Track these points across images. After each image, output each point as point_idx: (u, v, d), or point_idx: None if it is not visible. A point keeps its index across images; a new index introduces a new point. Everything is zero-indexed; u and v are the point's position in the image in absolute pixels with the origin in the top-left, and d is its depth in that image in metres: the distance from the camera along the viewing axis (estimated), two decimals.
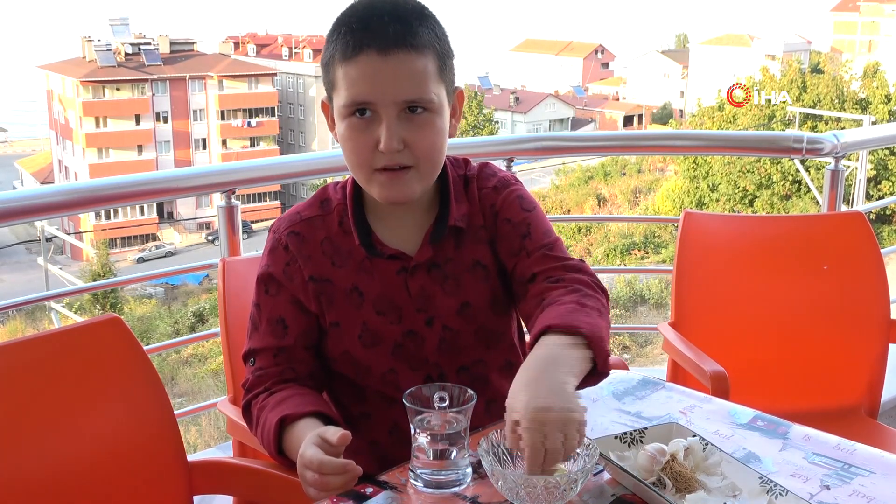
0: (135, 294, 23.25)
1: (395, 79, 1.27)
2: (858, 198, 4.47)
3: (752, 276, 2.19)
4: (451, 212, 1.38)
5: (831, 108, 22.28)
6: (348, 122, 1.30)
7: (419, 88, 1.28)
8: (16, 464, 1.37)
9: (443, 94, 1.32)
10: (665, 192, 25.54)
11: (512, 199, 1.42)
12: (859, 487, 1.14)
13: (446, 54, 1.32)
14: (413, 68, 1.27)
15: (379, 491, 1.14)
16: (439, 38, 1.31)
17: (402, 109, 1.28)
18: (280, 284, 1.38)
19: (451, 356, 1.38)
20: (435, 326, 1.37)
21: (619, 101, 48.68)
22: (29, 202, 2.25)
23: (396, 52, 1.26)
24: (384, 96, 1.27)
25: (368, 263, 1.37)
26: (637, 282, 18.62)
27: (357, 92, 1.28)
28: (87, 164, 36.25)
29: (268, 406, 1.34)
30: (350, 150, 1.32)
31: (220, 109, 38.91)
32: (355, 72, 1.27)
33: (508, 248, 1.40)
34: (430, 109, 1.30)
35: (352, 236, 1.38)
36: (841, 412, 2.06)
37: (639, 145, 5.55)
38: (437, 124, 1.31)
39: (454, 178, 1.42)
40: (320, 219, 1.40)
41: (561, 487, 1.05)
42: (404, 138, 1.28)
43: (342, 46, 1.28)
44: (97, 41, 38.50)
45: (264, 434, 1.33)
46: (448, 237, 1.38)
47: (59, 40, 62.53)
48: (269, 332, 1.38)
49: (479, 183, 1.43)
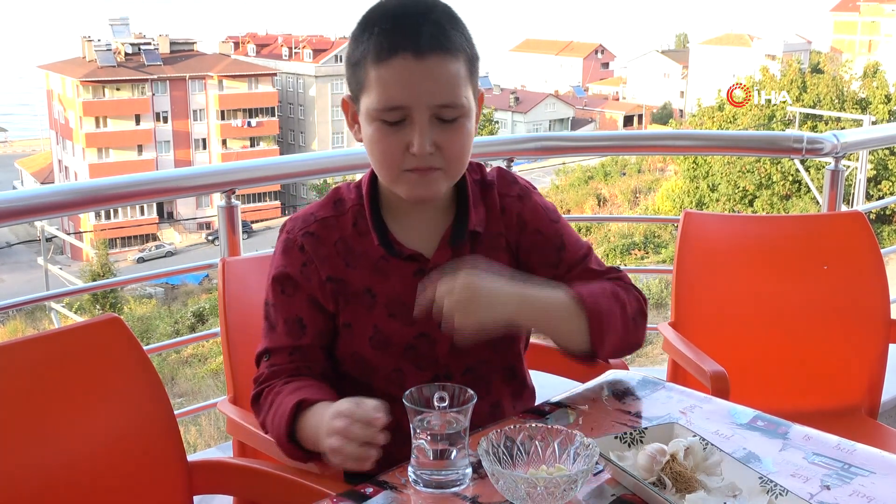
0: (135, 294, 23.25)
1: (430, 82, 1.26)
2: (858, 198, 4.48)
3: (752, 276, 2.19)
4: (471, 216, 1.39)
5: (831, 108, 22.28)
6: (378, 125, 1.29)
7: (452, 92, 1.27)
8: (16, 464, 1.37)
9: (472, 97, 1.32)
10: (665, 192, 25.55)
11: (538, 209, 1.44)
12: (859, 487, 1.14)
13: (474, 57, 1.32)
14: (447, 72, 1.27)
15: (379, 491, 1.14)
16: (468, 40, 1.31)
17: (435, 113, 1.27)
18: (297, 284, 1.37)
19: (459, 358, 1.38)
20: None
21: (619, 101, 48.69)
22: (29, 202, 2.25)
23: (432, 56, 1.25)
24: (418, 100, 1.26)
25: (384, 264, 1.36)
26: (637, 282, 18.57)
27: (391, 95, 1.26)
28: (87, 164, 36.25)
29: (284, 392, 1.33)
30: (379, 153, 1.31)
31: (220, 109, 38.91)
32: (389, 75, 1.26)
33: (543, 260, 1.42)
34: (461, 113, 1.29)
35: (366, 237, 1.37)
36: (841, 412, 2.06)
37: (639, 145, 5.56)
38: (468, 127, 1.31)
39: (471, 181, 1.41)
40: (334, 219, 1.39)
41: (561, 487, 1.05)
42: (436, 141, 1.28)
43: (375, 48, 1.26)
44: (97, 41, 38.50)
45: (276, 417, 1.31)
46: (465, 241, 1.39)
47: (59, 40, 62.55)
48: (286, 332, 1.38)
49: (500, 189, 1.43)
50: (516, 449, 1.15)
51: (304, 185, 35.29)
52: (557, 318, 1.33)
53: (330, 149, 39.19)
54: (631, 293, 1.41)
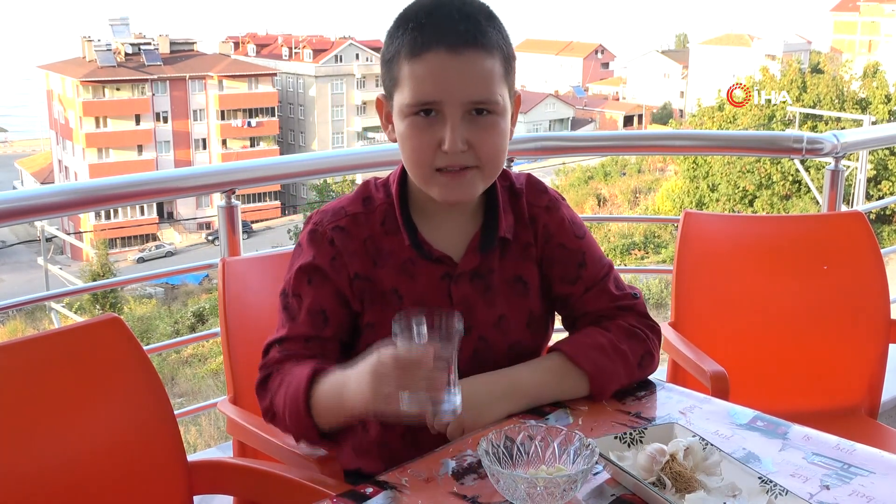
0: (135, 294, 23.24)
1: (464, 78, 1.24)
2: (858, 198, 4.48)
3: (752, 276, 2.19)
4: (501, 222, 1.38)
5: (831, 108, 22.27)
6: (411, 121, 1.27)
7: (487, 89, 1.26)
8: (16, 464, 1.37)
9: (506, 96, 1.30)
10: (665, 192, 25.54)
11: (564, 223, 1.43)
12: (859, 487, 1.14)
13: (511, 56, 1.31)
14: (482, 68, 1.25)
15: (379, 491, 1.14)
16: (504, 39, 1.29)
17: (468, 110, 1.26)
18: (325, 276, 1.34)
19: (481, 368, 1.36)
20: (472, 336, 1.35)
21: (619, 101, 48.68)
22: (29, 202, 2.25)
23: (466, 52, 1.23)
24: (451, 96, 1.24)
25: (411, 266, 1.35)
26: (637, 282, 18.62)
27: (424, 90, 1.25)
28: (87, 164, 36.25)
29: (296, 369, 1.30)
30: (411, 149, 1.29)
31: (220, 109, 38.90)
32: (422, 69, 1.24)
33: (562, 274, 1.42)
34: (494, 111, 1.27)
35: (394, 236, 1.35)
36: (841, 412, 2.06)
37: (639, 145, 5.55)
38: (501, 126, 1.29)
39: (501, 187, 1.40)
40: (364, 216, 1.37)
41: (561, 487, 1.05)
42: (468, 139, 1.26)
43: (409, 42, 1.25)
44: (97, 41, 38.50)
45: (290, 390, 1.27)
46: (495, 247, 1.38)
47: (59, 40, 62.56)
48: (308, 322, 1.34)
49: (529, 198, 1.42)
50: (516, 449, 1.15)
51: (304, 185, 35.24)
52: (554, 390, 1.35)
53: (330, 149, 39.18)
54: (636, 336, 1.40)
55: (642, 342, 1.40)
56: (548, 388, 1.35)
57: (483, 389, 1.31)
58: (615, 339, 1.38)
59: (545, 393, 1.34)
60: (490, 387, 1.32)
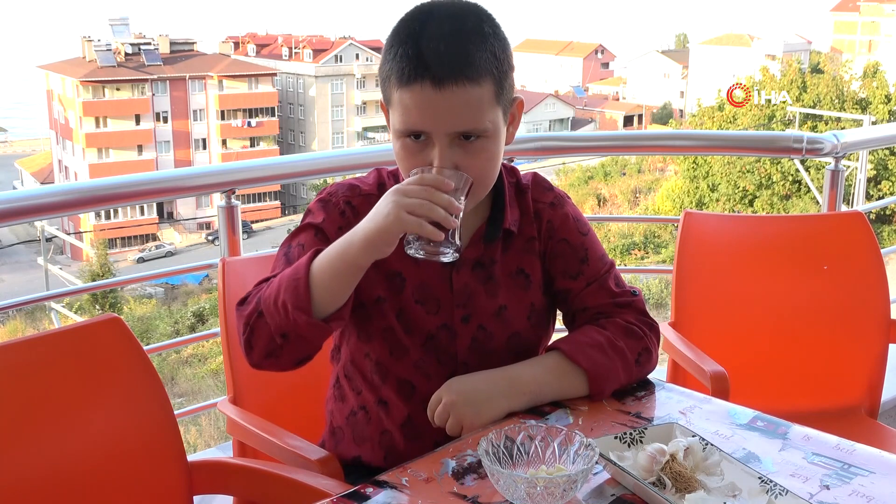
0: (135, 294, 23.24)
1: (449, 111, 1.25)
2: (858, 198, 4.47)
3: (752, 276, 2.19)
4: (506, 215, 1.40)
5: (831, 108, 22.27)
6: (403, 143, 1.31)
7: (473, 120, 1.27)
8: (16, 463, 1.37)
9: (499, 117, 1.31)
10: (665, 192, 25.54)
11: (568, 219, 1.46)
12: (859, 487, 1.14)
13: (504, 75, 1.30)
14: (468, 100, 1.26)
15: (379, 491, 1.14)
16: (497, 58, 1.28)
17: (457, 137, 1.28)
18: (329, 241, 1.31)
19: (480, 357, 1.39)
20: (471, 324, 1.39)
21: (619, 101, 48.68)
22: (29, 202, 2.25)
23: (451, 86, 1.24)
24: (437, 127, 1.26)
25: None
26: (637, 282, 18.62)
27: (411, 120, 1.27)
28: (87, 164, 36.24)
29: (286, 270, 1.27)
30: (404, 169, 1.33)
31: (220, 109, 38.89)
32: (409, 100, 1.26)
33: (564, 269, 1.44)
34: (483, 135, 1.29)
35: None
36: (841, 412, 2.06)
37: (639, 145, 5.55)
38: (491, 150, 1.31)
39: (508, 183, 1.43)
40: (376, 198, 1.35)
41: (561, 487, 1.05)
42: (457, 163, 1.28)
43: (398, 70, 1.26)
44: (97, 41, 38.49)
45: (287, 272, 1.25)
46: (499, 239, 1.40)
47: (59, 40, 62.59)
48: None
49: (535, 195, 1.45)
50: (516, 449, 1.15)
51: (304, 185, 35.27)
52: (554, 388, 1.36)
53: (330, 149, 39.19)
54: (634, 334, 1.41)
55: (640, 339, 1.42)
56: (547, 385, 1.36)
57: (482, 386, 1.33)
58: (612, 336, 1.39)
59: (545, 391, 1.35)
60: (489, 384, 1.33)
